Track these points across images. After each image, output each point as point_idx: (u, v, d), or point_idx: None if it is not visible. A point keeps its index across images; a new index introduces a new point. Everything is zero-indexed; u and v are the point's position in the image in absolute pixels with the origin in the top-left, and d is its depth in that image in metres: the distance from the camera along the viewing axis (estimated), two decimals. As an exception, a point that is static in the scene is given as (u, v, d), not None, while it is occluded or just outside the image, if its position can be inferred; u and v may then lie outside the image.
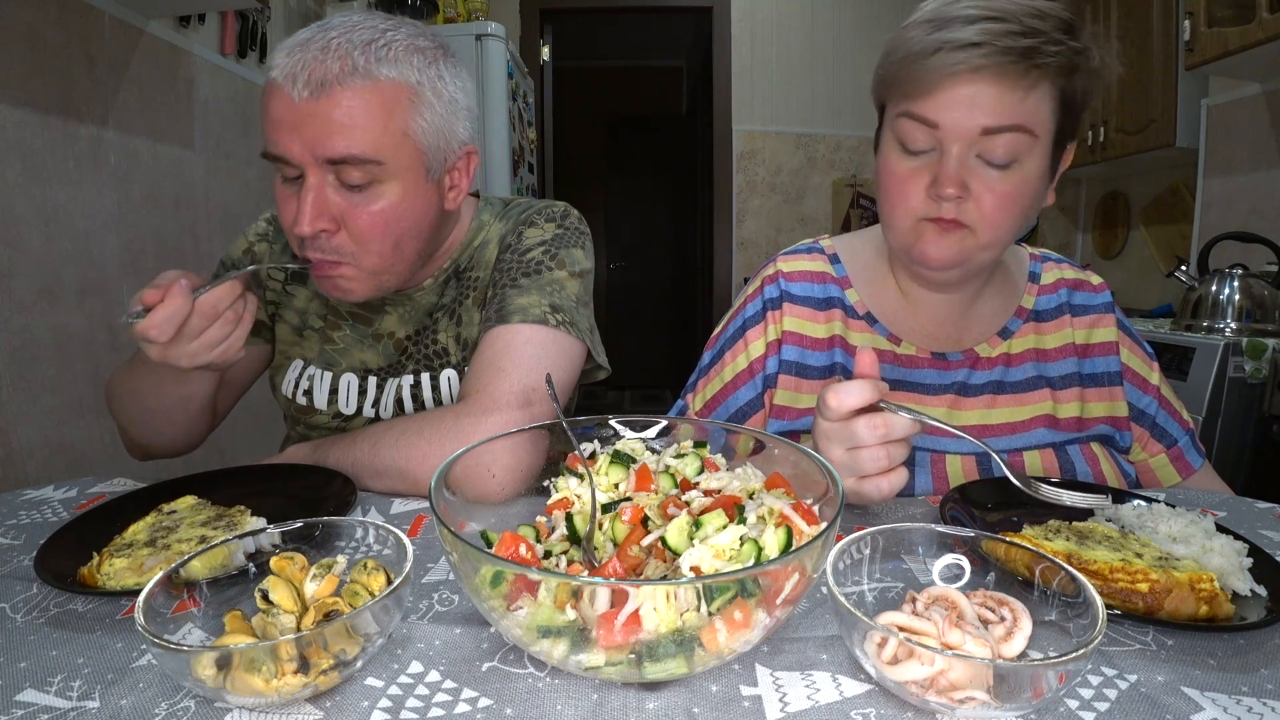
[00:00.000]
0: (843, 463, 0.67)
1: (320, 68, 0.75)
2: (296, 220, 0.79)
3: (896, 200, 0.79)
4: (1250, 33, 1.99)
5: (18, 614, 0.53)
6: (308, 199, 0.78)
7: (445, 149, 0.85)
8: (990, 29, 0.70)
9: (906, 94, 0.75)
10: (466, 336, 0.96)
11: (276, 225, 1.04)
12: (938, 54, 0.71)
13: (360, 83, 0.77)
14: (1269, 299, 1.98)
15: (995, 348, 0.90)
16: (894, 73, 0.76)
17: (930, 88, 0.73)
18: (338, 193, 0.80)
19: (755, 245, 4.00)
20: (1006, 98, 0.72)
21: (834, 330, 0.91)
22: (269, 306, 1.02)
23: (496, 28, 2.71)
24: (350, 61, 0.76)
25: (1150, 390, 0.92)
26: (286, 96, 0.76)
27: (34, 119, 1.56)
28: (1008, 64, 0.70)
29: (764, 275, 0.96)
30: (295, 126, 0.76)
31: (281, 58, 0.77)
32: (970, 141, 0.74)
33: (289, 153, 0.78)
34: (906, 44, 0.75)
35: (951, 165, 0.74)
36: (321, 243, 0.82)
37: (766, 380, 0.92)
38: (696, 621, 0.42)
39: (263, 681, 0.41)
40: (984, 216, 0.76)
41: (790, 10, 3.83)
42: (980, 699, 0.40)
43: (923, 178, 0.77)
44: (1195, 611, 0.51)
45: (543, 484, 0.63)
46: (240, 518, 0.65)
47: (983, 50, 0.70)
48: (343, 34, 0.77)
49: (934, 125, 0.74)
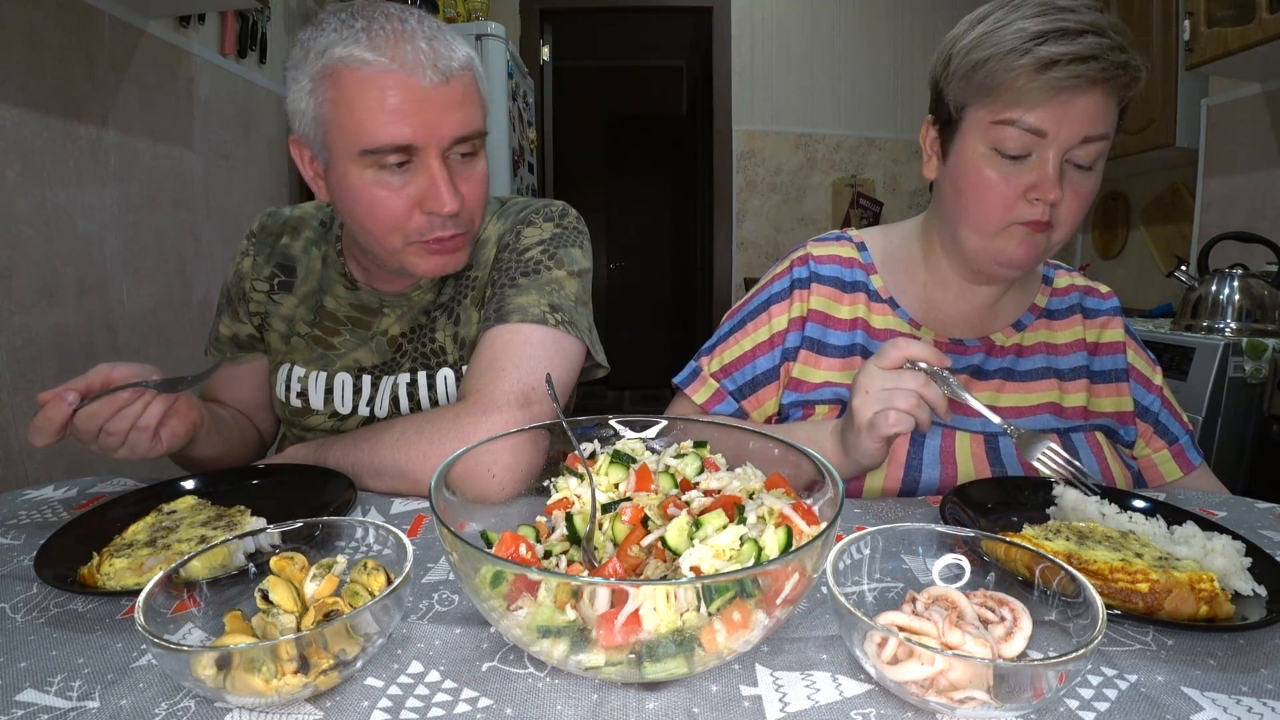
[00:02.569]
0: (876, 396, 0.71)
1: (444, 55, 0.79)
2: (433, 200, 0.82)
3: (991, 205, 0.80)
4: (1250, 33, 1.99)
5: (18, 614, 0.53)
6: (442, 177, 0.81)
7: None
8: (1098, 43, 0.73)
9: (1010, 104, 0.76)
10: (464, 335, 0.96)
11: (257, 239, 1.04)
12: (1054, 67, 0.72)
13: (470, 68, 0.84)
14: (1269, 299, 1.98)
15: (1009, 338, 0.94)
16: (989, 82, 0.77)
17: (1044, 99, 0.74)
18: (450, 166, 0.83)
19: (755, 245, 4.00)
20: (1105, 108, 0.76)
21: (857, 312, 0.95)
22: (255, 318, 1.03)
23: (496, 28, 2.70)
24: (453, 47, 0.82)
25: (1154, 389, 0.96)
26: (413, 83, 0.78)
27: (34, 119, 1.56)
28: (1114, 77, 0.74)
29: (794, 257, 1.00)
30: (422, 110, 0.79)
31: (384, 45, 0.77)
32: (1069, 149, 0.76)
33: (415, 137, 0.79)
34: (999, 51, 0.75)
35: (1053, 171, 0.76)
36: (459, 217, 0.85)
37: (786, 353, 0.95)
38: (696, 621, 0.42)
39: (263, 681, 0.41)
40: (1065, 216, 0.80)
41: (790, 10, 3.83)
42: (980, 699, 0.40)
43: (1018, 181, 0.78)
44: (1195, 611, 0.51)
45: (543, 484, 0.63)
46: (240, 517, 0.65)
47: (1100, 64, 0.72)
48: (420, 22, 0.81)
49: (1041, 134, 0.76)
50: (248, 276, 1.03)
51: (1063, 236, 0.81)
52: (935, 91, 0.85)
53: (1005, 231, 0.81)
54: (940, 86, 0.84)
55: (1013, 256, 0.82)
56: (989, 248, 0.83)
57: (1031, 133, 0.76)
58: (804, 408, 0.92)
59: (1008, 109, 0.76)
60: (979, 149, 0.80)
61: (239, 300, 1.03)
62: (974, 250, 0.85)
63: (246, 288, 1.03)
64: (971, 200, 0.82)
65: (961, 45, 0.80)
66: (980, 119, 0.79)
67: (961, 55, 0.79)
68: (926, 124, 0.89)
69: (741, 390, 0.96)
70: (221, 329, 1.05)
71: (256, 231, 1.05)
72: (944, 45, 0.84)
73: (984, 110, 0.79)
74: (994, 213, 0.80)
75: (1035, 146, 0.77)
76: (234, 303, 1.04)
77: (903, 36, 3.85)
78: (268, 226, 1.05)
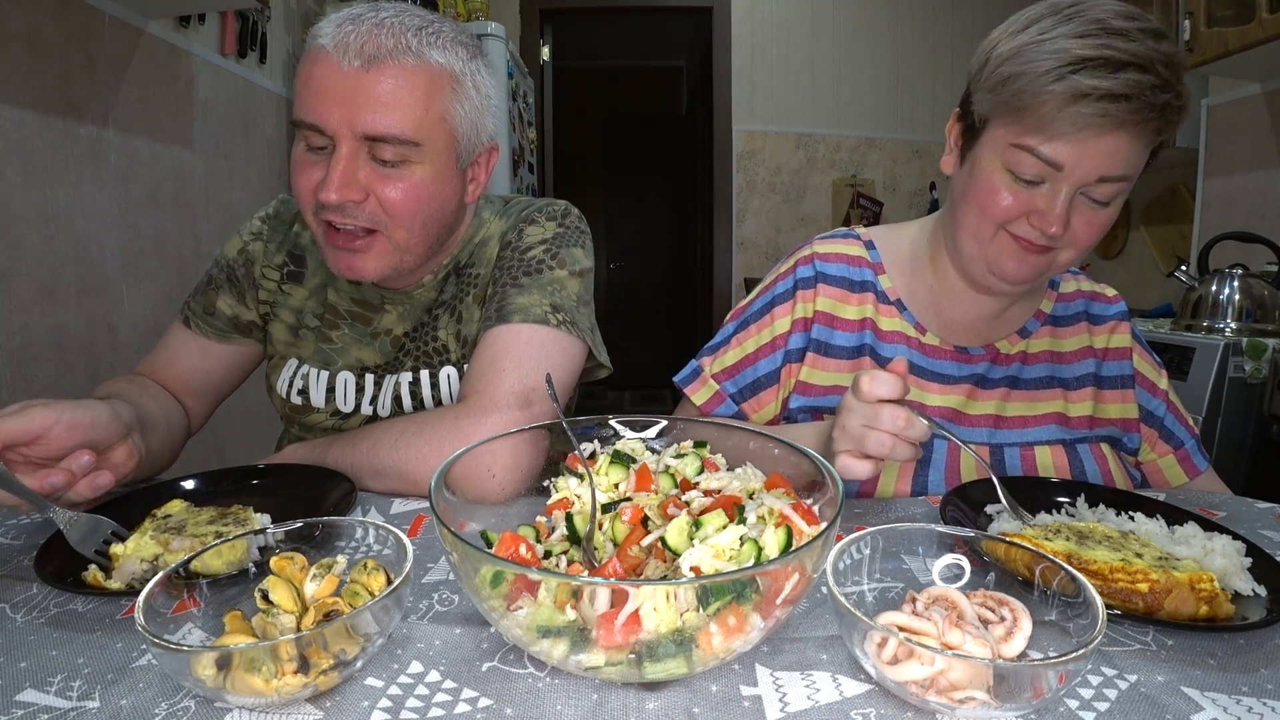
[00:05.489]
0: (852, 433, 0.68)
1: (374, 41, 0.76)
2: (324, 186, 0.78)
3: (989, 216, 0.78)
4: (1250, 33, 1.99)
5: (18, 614, 0.53)
6: (338, 167, 0.78)
7: (475, 141, 0.87)
8: (1139, 81, 0.67)
9: (1030, 129, 0.72)
10: (466, 334, 0.96)
11: (271, 223, 1.03)
12: (1084, 100, 0.68)
13: (411, 61, 0.78)
14: (1269, 299, 1.98)
15: (1015, 345, 0.92)
16: (1015, 102, 0.72)
17: (1066, 132, 0.70)
18: (368, 165, 0.80)
19: (755, 245, 4.00)
20: (1131, 149, 0.71)
21: (865, 313, 0.93)
22: (263, 306, 1.02)
23: (496, 28, 2.70)
24: (404, 40, 0.78)
25: (1159, 394, 0.95)
26: (335, 65, 0.76)
27: (34, 119, 1.56)
28: (1147, 121, 0.69)
29: (799, 256, 0.98)
30: (338, 96, 0.77)
31: (331, 28, 0.77)
32: (1084, 185, 0.73)
33: (325, 122, 0.77)
34: (1032, 71, 0.71)
35: (1061, 206, 0.74)
36: (351, 210, 0.81)
37: (788, 355, 0.93)
38: (696, 621, 0.42)
39: (263, 681, 0.41)
40: (1073, 242, 0.77)
41: (790, 10, 3.82)
42: (980, 699, 0.40)
43: (1025, 202, 0.76)
44: (1195, 611, 0.51)
45: (543, 484, 0.63)
46: (245, 514, 0.65)
47: (1132, 105, 0.68)
48: (395, 16, 0.79)
49: (1058, 167, 0.72)
50: (258, 261, 1.02)
51: (1071, 258, 0.79)
52: (967, 90, 0.82)
53: (997, 239, 0.79)
54: (971, 88, 0.80)
55: (1005, 269, 0.80)
56: (983, 255, 0.81)
57: (1048, 164, 0.73)
58: (814, 416, 0.91)
59: (1028, 134, 0.72)
60: (994, 164, 0.77)
61: (248, 284, 1.01)
62: (970, 257, 0.83)
63: (257, 273, 1.01)
64: (975, 207, 0.80)
65: (1000, 52, 0.75)
66: (1000, 137, 0.76)
67: (997, 64, 0.75)
68: (954, 117, 0.85)
69: (742, 393, 0.95)
70: (221, 305, 1.01)
71: (271, 215, 1.04)
72: (987, 43, 0.79)
73: (1005, 129, 0.75)
74: (989, 225, 0.79)
75: (1049, 177, 0.74)
76: (240, 284, 1.01)
77: (903, 36, 3.85)
78: (282, 214, 1.04)
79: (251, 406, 1.27)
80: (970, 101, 0.81)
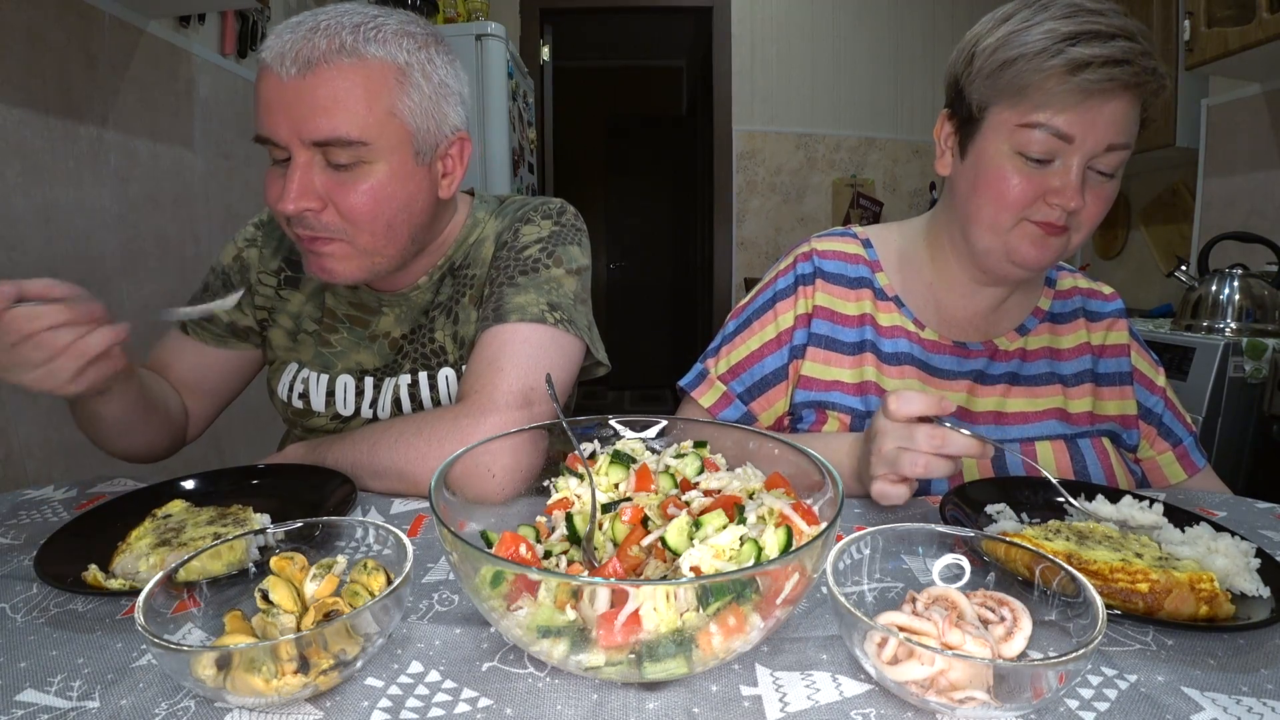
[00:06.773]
0: (887, 457, 0.68)
1: (308, 46, 0.76)
2: (281, 198, 0.78)
3: (1007, 203, 0.79)
4: (1250, 33, 1.99)
5: (18, 614, 0.53)
6: (294, 178, 0.78)
7: (435, 133, 0.85)
8: (1131, 47, 0.71)
9: (1037, 105, 0.74)
10: (463, 334, 0.96)
11: (265, 229, 1.03)
12: (1088, 68, 0.70)
13: (347, 61, 0.77)
14: (1269, 299, 1.98)
15: (1013, 342, 0.93)
16: (1017, 82, 0.75)
17: (1074, 103, 0.73)
18: (324, 172, 0.80)
19: (755, 245, 3.99)
20: (1131, 116, 0.75)
21: (864, 309, 0.94)
22: (260, 312, 1.02)
23: (496, 28, 2.70)
24: (338, 40, 0.76)
25: (1157, 391, 0.95)
26: (275, 76, 0.76)
27: (34, 119, 1.56)
28: (1144, 83, 0.73)
29: (797, 253, 0.98)
30: (282, 107, 0.77)
31: (272, 39, 0.77)
32: (1094, 155, 0.75)
33: (275, 133, 0.77)
34: (1029, 52, 0.73)
35: (1076, 179, 0.75)
36: (309, 221, 0.81)
37: (794, 351, 0.94)
38: (696, 621, 0.42)
39: (263, 681, 0.41)
40: (1085, 220, 0.79)
41: (790, 10, 3.82)
42: (980, 699, 0.40)
43: (1038, 184, 0.77)
44: (1195, 612, 0.51)
45: (543, 484, 0.63)
46: (245, 514, 0.65)
47: (1133, 69, 0.71)
48: (334, 17, 0.78)
49: (1069, 139, 0.74)
50: (254, 267, 1.02)
51: (1081, 239, 0.80)
52: (954, 89, 0.83)
53: (1018, 228, 0.80)
54: (961, 84, 0.81)
55: (1025, 255, 0.80)
56: (1002, 245, 0.82)
57: (1058, 137, 0.74)
58: (817, 410, 0.91)
59: (1035, 111, 0.74)
60: (1002, 149, 0.78)
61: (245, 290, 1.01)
62: (986, 248, 0.83)
63: (253, 279, 1.01)
64: (988, 198, 0.80)
65: (986, 44, 0.78)
66: (1005, 120, 0.77)
67: (987, 54, 0.77)
68: (942, 119, 0.87)
69: (750, 392, 0.95)
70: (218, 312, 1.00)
71: (266, 221, 1.04)
72: (965, 43, 0.82)
73: (1009, 111, 0.77)
74: (1009, 211, 0.79)
75: (1060, 152, 0.75)
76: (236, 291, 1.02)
77: (903, 36, 3.85)
78: (277, 219, 1.04)
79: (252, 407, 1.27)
80: (961, 97, 0.82)
